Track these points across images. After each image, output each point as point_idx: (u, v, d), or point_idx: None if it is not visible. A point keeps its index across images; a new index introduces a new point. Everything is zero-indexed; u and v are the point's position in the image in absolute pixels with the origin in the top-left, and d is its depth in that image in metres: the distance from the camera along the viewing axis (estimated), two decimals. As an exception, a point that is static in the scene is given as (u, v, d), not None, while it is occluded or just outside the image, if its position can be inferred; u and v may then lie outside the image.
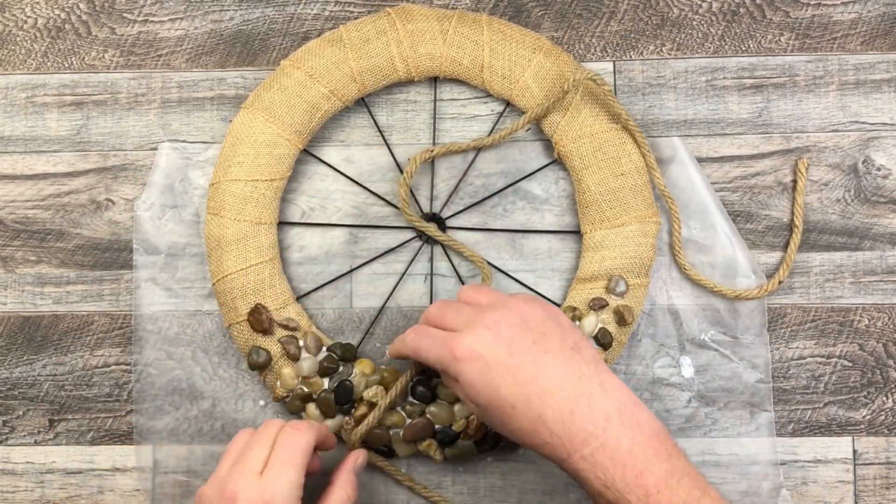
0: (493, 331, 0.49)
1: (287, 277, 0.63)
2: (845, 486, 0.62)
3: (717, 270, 0.63)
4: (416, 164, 0.61)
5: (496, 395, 0.48)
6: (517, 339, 0.49)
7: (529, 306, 0.51)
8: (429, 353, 0.51)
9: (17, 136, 0.66)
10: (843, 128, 0.64)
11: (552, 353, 0.49)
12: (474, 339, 0.49)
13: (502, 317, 0.49)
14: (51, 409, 0.64)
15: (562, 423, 0.47)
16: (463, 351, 0.49)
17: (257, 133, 0.61)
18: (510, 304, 0.51)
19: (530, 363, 0.48)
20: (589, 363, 0.49)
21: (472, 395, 0.49)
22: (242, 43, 0.66)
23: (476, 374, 0.48)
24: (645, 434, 0.47)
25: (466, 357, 0.48)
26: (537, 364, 0.48)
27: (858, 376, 0.63)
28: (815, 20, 0.65)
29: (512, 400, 0.48)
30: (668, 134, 0.65)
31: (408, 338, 0.53)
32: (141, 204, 0.64)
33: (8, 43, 0.66)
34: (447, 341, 0.50)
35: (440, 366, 0.50)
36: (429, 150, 0.62)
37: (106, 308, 0.64)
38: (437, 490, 0.62)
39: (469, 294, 0.53)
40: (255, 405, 0.63)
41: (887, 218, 0.64)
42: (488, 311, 0.50)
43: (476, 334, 0.49)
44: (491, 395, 0.48)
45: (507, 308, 0.50)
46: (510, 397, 0.48)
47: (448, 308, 0.52)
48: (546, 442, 0.48)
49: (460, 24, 0.62)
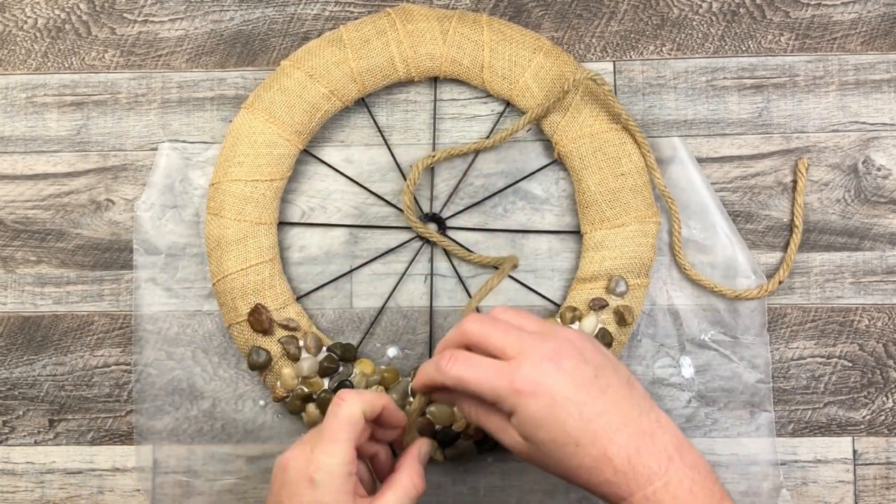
0: (554, 362, 0.45)
1: (287, 277, 0.63)
2: (845, 487, 0.62)
3: (717, 270, 0.63)
4: (418, 170, 0.61)
5: (562, 431, 0.45)
6: (579, 371, 0.46)
7: (580, 336, 0.48)
8: (481, 384, 0.46)
9: (17, 137, 0.66)
10: (843, 128, 0.64)
11: (613, 387, 0.46)
12: (537, 371, 0.45)
13: (560, 346, 0.46)
14: (51, 409, 0.64)
15: (628, 460, 0.45)
16: (526, 384, 0.45)
17: (257, 133, 0.61)
18: (563, 334, 0.47)
19: (595, 398, 0.45)
20: (644, 397, 0.47)
21: (531, 432, 0.46)
22: (242, 43, 0.66)
23: (541, 409, 0.45)
24: (702, 474, 0.46)
25: (531, 391, 0.45)
26: (602, 399, 0.45)
27: (858, 376, 0.63)
28: (815, 20, 0.65)
29: (577, 436, 0.45)
30: (668, 134, 0.65)
31: (447, 366, 0.47)
32: (141, 204, 0.64)
33: (8, 43, 0.66)
34: (504, 373, 0.45)
35: (494, 399, 0.46)
36: (431, 157, 0.62)
37: (106, 308, 0.64)
38: (436, 490, 0.62)
39: (509, 316, 0.49)
40: (255, 405, 0.63)
41: (887, 218, 0.64)
42: (542, 339, 0.46)
43: (537, 366, 0.45)
44: (556, 431, 0.45)
45: (561, 337, 0.47)
46: (576, 434, 0.45)
47: (494, 327, 0.47)
48: (608, 480, 0.45)
49: (460, 24, 0.62)
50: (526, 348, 0.46)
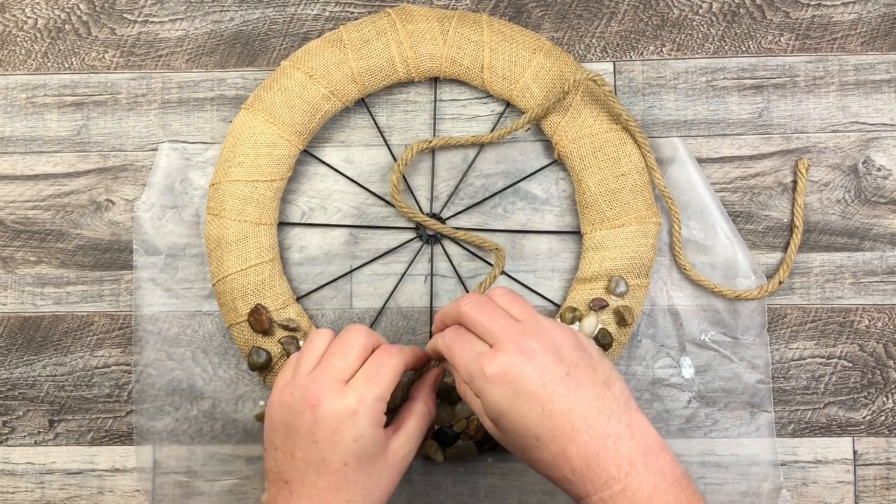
0: (527, 356, 0.47)
1: (287, 278, 0.63)
2: (845, 487, 0.62)
3: (717, 271, 0.63)
4: (412, 152, 0.61)
5: (521, 424, 0.47)
6: (551, 368, 0.47)
7: (563, 333, 0.49)
8: (459, 359, 0.49)
9: (18, 137, 0.66)
10: (843, 128, 0.64)
11: (584, 387, 0.47)
12: (507, 361, 0.47)
13: (538, 342, 0.48)
14: (51, 409, 0.64)
15: (585, 461, 0.46)
16: (494, 372, 0.47)
17: (257, 133, 0.61)
18: (545, 329, 0.49)
19: (561, 396, 0.46)
20: (618, 400, 0.48)
21: (495, 417, 0.48)
22: (242, 43, 0.66)
23: (503, 398, 0.47)
24: (668, 481, 0.46)
25: (496, 378, 0.47)
26: (568, 398, 0.47)
27: (858, 377, 0.63)
28: (815, 21, 0.65)
29: (537, 431, 0.46)
30: (669, 134, 0.65)
31: (447, 336, 0.51)
32: (141, 204, 0.64)
33: (8, 43, 0.66)
34: (480, 356, 0.48)
35: (466, 377, 0.49)
36: (426, 141, 0.62)
37: (106, 308, 0.64)
38: (436, 490, 0.62)
39: (503, 301, 0.51)
40: (255, 406, 0.63)
41: (887, 218, 0.64)
42: (523, 333, 0.48)
43: (510, 356, 0.47)
44: (516, 422, 0.47)
45: (542, 332, 0.48)
46: (536, 428, 0.46)
47: (483, 311, 0.50)
48: (566, 478, 0.47)
49: (460, 24, 0.62)
50: (505, 337, 0.48)
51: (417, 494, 0.63)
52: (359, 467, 0.48)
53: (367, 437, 0.48)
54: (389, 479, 0.50)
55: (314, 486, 0.48)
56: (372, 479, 0.49)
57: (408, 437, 0.51)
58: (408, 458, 0.51)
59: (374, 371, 0.50)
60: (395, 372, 0.50)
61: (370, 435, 0.48)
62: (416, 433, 0.52)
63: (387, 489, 0.50)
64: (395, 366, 0.51)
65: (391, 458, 0.50)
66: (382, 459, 0.50)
